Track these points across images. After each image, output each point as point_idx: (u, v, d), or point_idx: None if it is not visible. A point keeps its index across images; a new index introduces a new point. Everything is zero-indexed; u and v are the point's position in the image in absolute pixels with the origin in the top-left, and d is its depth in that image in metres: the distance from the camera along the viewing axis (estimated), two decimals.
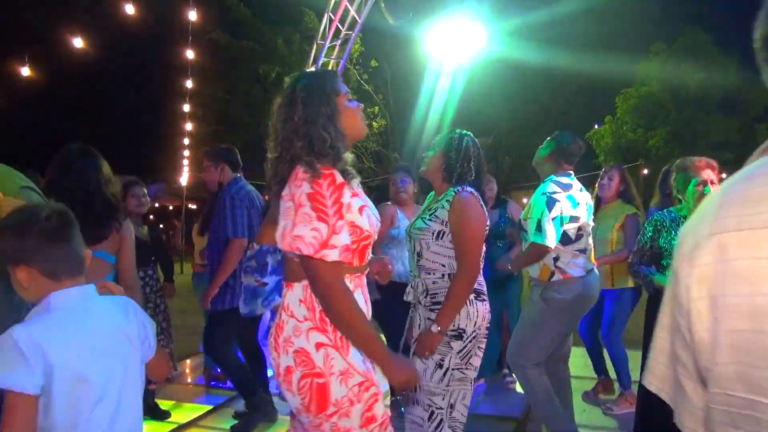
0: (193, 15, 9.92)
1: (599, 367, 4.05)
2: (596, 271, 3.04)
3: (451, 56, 11.42)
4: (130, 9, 8.41)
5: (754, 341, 0.59)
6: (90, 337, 1.31)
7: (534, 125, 19.32)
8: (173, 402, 3.84)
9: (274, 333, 1.53)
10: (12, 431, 1.19)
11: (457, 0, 8.68)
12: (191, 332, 5.55)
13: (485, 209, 2.28)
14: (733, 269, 0.61)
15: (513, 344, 2.97)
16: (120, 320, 1.40)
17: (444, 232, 2.22)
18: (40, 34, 16.43)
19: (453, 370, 2.16)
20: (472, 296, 2.20)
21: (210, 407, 3.79)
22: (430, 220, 2.25)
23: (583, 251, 2.90)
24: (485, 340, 2.29)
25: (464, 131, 2.43)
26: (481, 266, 2.29)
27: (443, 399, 2.15)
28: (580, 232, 2.87)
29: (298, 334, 1.47)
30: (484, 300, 2.26)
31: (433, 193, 2.46)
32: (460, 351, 2.17)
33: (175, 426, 3.45)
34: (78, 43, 9.11)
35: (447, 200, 2.25)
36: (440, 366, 2.17)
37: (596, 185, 3.97)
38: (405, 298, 2.40)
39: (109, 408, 1.32)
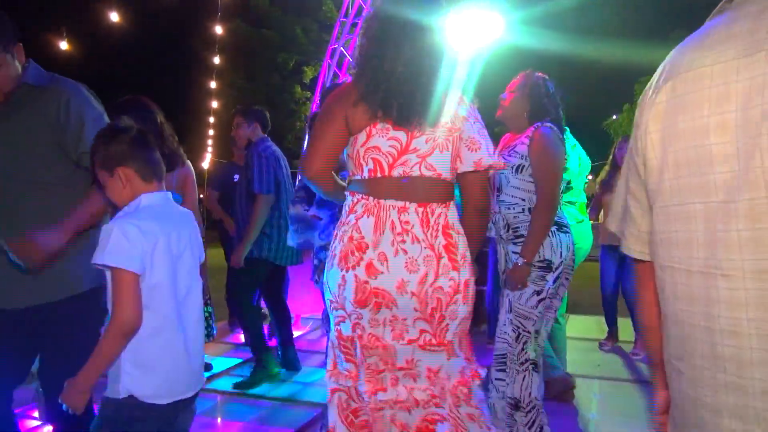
0: None
1: (612, 318, 4.32)
2: (588, 222, 3.09)
3: (468, 46, 11.44)
4: None
5: (693, 155, 0.75)
6: (171, 232, 1.50)
7: None
8: (206, 355, 4.11)
9: (446, 253, 1.55)
10: (123, 305, 1.35)
11: None
12: (218, 305, 5.88)
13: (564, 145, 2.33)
14: (683, 102, 0.77)
15: None
16: (189, 224, 1.62)
17: (523, 166, 2.27)
18: (68, 8, 16.65)
19: (548, 299, 2.26)
20: (554, 228, 2.26)
21: (240, 360, 4.08)
22: (509, 155, 2.30)
23: (573, 203, 2.93)
24: (572, 272, 2.36)
25: (537, 73, 2.42)
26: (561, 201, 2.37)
27: (533, 324, 2.26)
28: (569, 185, 2.90)
29: (467, 248, 1.62)
30: (567, 232, 2.31)
31: None
32: (554, 281, 2.25)
33: (212, 373, 3.73)
34: (114, 17, 9.10)
35: (527, 136, 2.30)
36: (537, 293, 2.25)
37: (613, 151, 4.13)
38: (486, 234, 2.37)
39: (182, 290, 1.52)
